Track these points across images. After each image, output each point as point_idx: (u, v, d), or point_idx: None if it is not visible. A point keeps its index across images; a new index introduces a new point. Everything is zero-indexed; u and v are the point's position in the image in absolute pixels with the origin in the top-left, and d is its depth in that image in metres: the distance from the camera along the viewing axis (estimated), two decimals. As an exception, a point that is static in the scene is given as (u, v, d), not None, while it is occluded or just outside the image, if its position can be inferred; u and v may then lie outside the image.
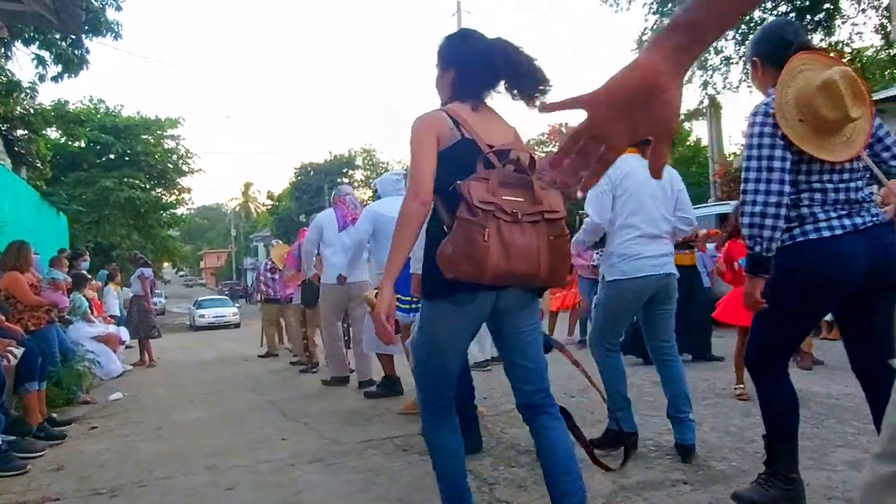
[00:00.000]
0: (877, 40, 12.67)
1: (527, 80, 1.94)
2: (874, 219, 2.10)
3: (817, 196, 2.11)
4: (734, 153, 20.53)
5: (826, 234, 2.07)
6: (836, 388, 4.19)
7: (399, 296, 3.97)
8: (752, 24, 12.21)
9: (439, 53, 2.09)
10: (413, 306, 3.95)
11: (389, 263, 1.86)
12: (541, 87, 1.94)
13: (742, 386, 4.10)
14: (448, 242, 1.78)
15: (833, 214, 2.09)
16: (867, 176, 2.22)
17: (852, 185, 2.12)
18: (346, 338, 6.28)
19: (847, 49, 11.69)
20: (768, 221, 2.06)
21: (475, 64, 1.98)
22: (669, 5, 12.54)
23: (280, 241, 12.29)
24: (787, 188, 2.07)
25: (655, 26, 12.85)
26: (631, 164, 2.81)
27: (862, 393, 2.23)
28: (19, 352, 4.10)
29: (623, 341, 3.34)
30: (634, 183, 2.87)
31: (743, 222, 2.12)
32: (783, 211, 2.07)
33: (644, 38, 12.97)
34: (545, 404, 2.00)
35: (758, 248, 2.08)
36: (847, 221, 2.08)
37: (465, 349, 2.11)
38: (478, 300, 1.87)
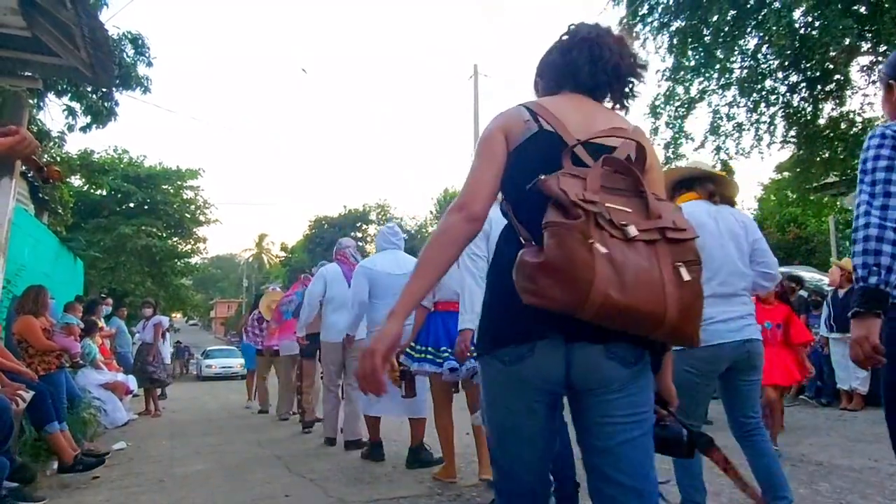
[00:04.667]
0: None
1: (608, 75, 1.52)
2: None
3: None
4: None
5: None
6: (858, 460, 4.04)
7: (413, 344, 3.77)
8: (763, 93, 12.44)
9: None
10: (426, 356, 3.66)
11: (408, 287, 1.39)
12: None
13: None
14: (535, 251, 1.24)
15: None
16: None
17: None
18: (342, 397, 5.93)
19: (858, 119, 11.86)
20: (886, 248, 1.71)
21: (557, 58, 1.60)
22: (681, 73, 12.83)
23: (277, 287, 10.94)
24: None
25: (668, 93, 13.11)
26: (701, 213, 2.61)
27: (888, 467, 2.15)
28: (28, 395, 4.09)
29: None
30: (703, 234, 2.37)
31: (855, 250, 1.78)
32: None
33: (657, 104, 13.21)
34: None
35: (874, 280, 1.72)
36: None
37: (539, 430, 1.42)
38: (532, 357, 1.33)
